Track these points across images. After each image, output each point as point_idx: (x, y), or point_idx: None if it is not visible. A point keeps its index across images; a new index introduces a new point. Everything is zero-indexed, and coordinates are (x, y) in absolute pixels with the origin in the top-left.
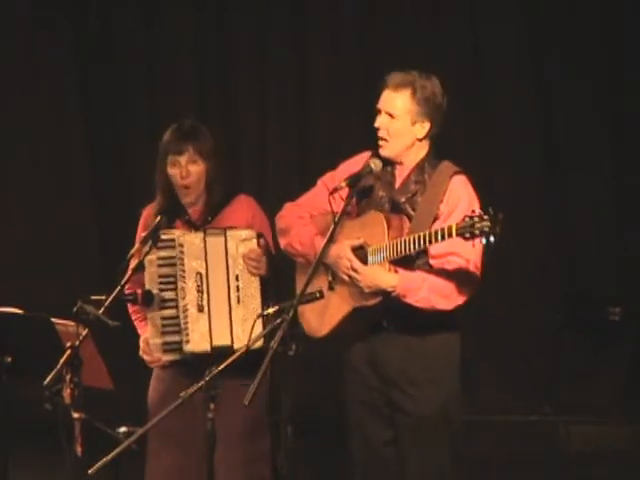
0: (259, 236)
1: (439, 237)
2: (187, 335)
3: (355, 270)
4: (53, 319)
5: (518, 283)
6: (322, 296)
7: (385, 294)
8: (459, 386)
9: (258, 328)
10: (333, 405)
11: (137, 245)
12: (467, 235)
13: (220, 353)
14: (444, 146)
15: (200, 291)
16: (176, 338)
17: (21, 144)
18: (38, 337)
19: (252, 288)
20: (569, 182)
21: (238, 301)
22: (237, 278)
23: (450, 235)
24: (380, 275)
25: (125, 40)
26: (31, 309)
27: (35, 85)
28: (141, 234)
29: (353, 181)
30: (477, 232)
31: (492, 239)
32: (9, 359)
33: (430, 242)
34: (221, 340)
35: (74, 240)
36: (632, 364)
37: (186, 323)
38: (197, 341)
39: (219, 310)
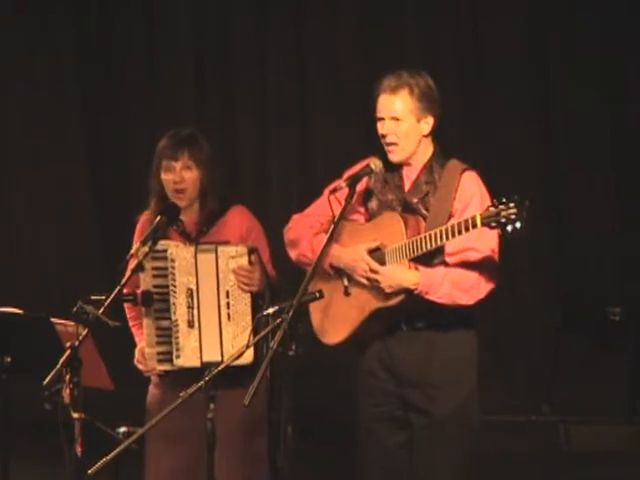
0: (251, 251)
1: (462, 229)
2: (178, 350)
3: (375, 271)
4: (53, 319)
5: (518, 283)
6: (322, 296)
7: (407, 293)
8: (477, 385)
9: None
10: (334, 405)
11: (137, 245)
12: (493, 224)
13: (206, 367)
14: (443, 146)
15: (190, 307)
16: (169, 349)
17: (21, 144)
18: (38, 337)
19: (243, 304)
20: (569, 182)
21: (228, 318)
22: (227, 295)
23: (475, 225)
24: (401, 274)
25: (125, 40)
26: (31, 309)
27: (35, 85)
28: (137, 241)
29: (353, 181)
30: (503, 220)
31: (518, 225)
32: (9, 359)
33: (453, 235)
34: (211, 356)
35: (74, 240)
36: (632, 364)
37: (177, 338)
38: (188, 356)
39: (209, 326)
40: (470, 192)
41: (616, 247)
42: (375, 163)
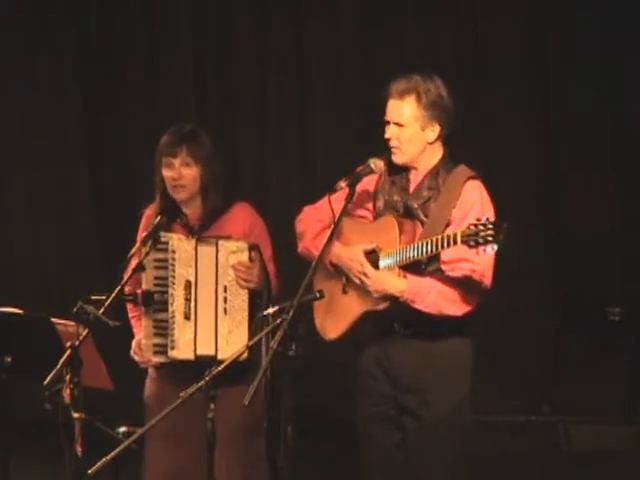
0: (252, 248)
1: (444, 244)
2: (172, 341)
3: (365, 274)
4: (53, 319)
5: (518, 283)
6: (322, 296)
7: (393, 299)
8: (470, 388)
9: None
10: (334, 404)
11: (137, 245)
12: (471, 243)
13: (203, 362)
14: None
15: (188, 299)
16: (166, 341)
17: (21, 144)
18: (38, 337)
19: (240, 300)
20: (569, 182)
21: (225, 312)
22: (225, 289)
23: (455, 242)
24: (389, 280)
25: (125, 40)
26: (31, 309)
27: (35, 85)
28: (142, 234)
29: (353, 181)
30: (481, 240)
31: (495, 248)
32: (9, 359)
33: (436, 248)
34: (205, 350)
35: (74, 240)
36: (632, 364)
37: (172, 329)
38: (182, 348)
39: (205, 320)
40: (470, 201)
41: (616, 247)
42: (375, 163)
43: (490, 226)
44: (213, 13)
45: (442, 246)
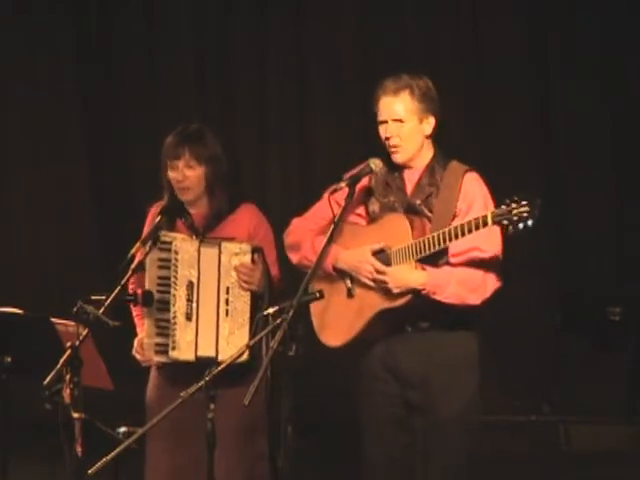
0: (255, 250)
1: (473, 227)
2: (174, 342)
3: (382, 272)
4: (53, 319)
5: (518, 283)
6: (322, 296)
7: (414, 293)
8: (478, 386)
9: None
10: (334, 403)
11: (138, 245)
12: (505, 222)
13: (204, 363)
14: (444, 147)
15: (190, 300)
16: (167, 341)
17: (21, 144)
18: (38, 337)
19: (242, 302)
20: (569, 182)
21: (226, 314)
22: (227, 291)
23: (485, 224)
24: (408, 274)
25: (125, 40)
26: (31, 309)
27: (35, 85)
28: (147, 231)
29: (353, 181)
30: (515, 218)
31: (530, 223)
32: (9, 359)
33: (463, 234)
34: (206, 351)
35: (74, 240)
36: (632, 364)
37: (174, 330)
38: (183, 349)
39: (207, 321)
40: (472, 193)
41: (616, 247)
42: (375, 163)
43: (524, 202)
44: (213, 13)
45: (470, 230)
